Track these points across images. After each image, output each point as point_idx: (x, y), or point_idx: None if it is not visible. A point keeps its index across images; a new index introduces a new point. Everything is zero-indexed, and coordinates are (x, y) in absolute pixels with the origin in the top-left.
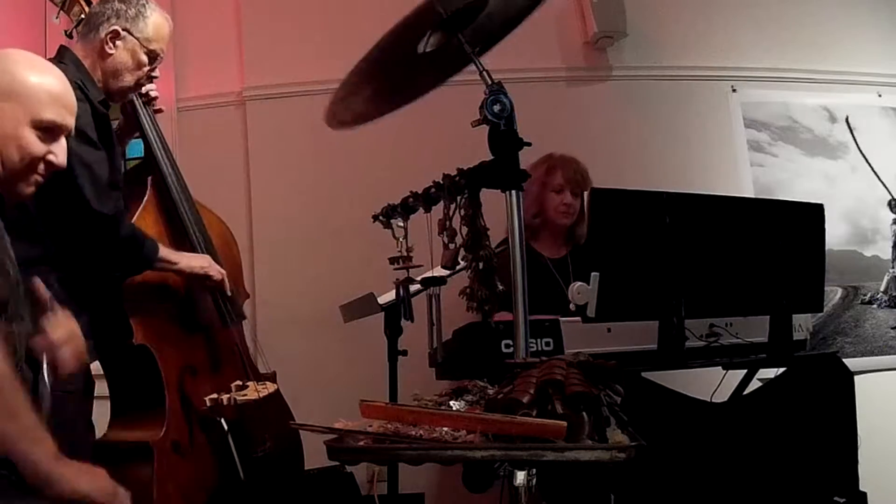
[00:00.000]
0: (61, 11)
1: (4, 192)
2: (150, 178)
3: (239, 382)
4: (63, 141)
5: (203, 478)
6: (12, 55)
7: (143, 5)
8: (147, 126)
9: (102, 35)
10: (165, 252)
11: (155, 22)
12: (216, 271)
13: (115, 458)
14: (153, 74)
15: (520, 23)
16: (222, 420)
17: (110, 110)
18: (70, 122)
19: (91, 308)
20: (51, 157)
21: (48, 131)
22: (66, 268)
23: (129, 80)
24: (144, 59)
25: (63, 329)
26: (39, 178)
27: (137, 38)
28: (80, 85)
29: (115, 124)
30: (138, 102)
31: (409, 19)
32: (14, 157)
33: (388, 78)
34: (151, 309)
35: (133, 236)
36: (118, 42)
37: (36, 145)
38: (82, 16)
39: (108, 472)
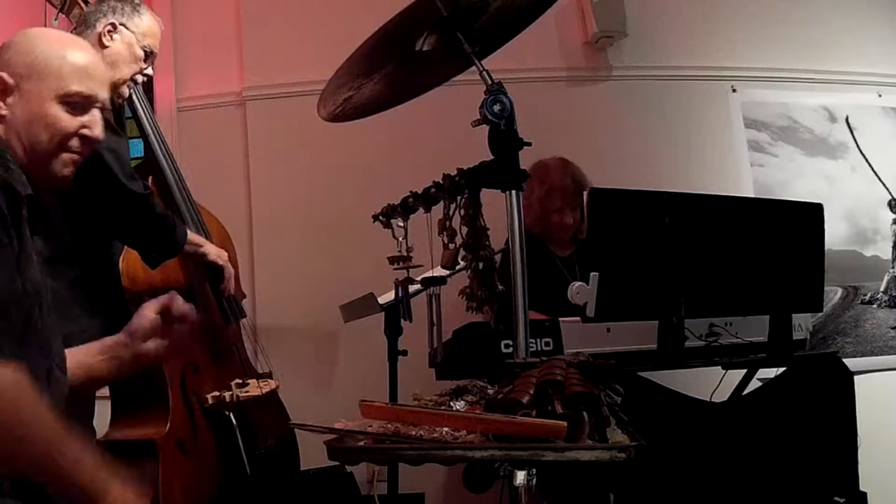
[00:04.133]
0: (60, 13)
1: (38, 178)
2: (150, 178)
3: (238, 380)
4: (96, 113)
5: (207, 475)
6: (32, 33)
7: (139, 4)
8: (148, 126)
9: (100, 29)
10: (192, 235)
11: (149, 20)
12: (228, 265)
13: (119, 455)
14: (147, 72)
15: (525, 26)
16: (230, 415)
17: None
18: (101, 94)
19: (102, 308)
20: (84, 131)
21: (77, 105)
22: (82, 267)
23: (125, 72)
24: (140, 53)
25: None
26: (76, 157)
27: (133, 32)
28: None
29: None
30: (139, 102)
31: (407, 14)
32: (42, 137)
33: (384, 73)
34: None
35: (166, 214)
36: (115, 35)
37: (64, 120)
38: (82, 18)
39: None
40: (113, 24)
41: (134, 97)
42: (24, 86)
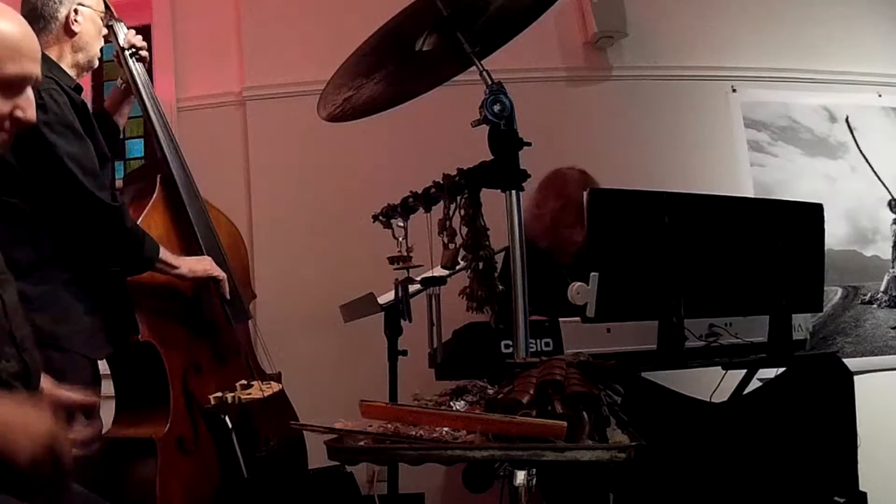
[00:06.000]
0: None
1: None
2: (158, 176)
3: (244, 382)
4: (29, 92)
5: (207, 475)
6: None
7: None
8: (157, 124)
9: (64, 16)
10: (166, 255)
11: None
12: (217, 274)
13: (120, 453)
14: (138, 44)
15: (526, 26)
16: (226, 418)
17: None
18: (35, 70)
19: (100, 306)
20: (18, 114)
21: (10, 87)
22: (74, 267)
23: (95, 48)
24: (101, 22)
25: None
26: (5, 136)
27: (91, 7)
28: (55, 79)
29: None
30: (147, 96)
31: (407, 14)
32: None
33: (384, 73)
34: (158, 307)
35: (136, 229)
36: (79, 17)
37: None
38: None
39: (113, 467)
40: (75, 9)
41: (143, 94)
42: None
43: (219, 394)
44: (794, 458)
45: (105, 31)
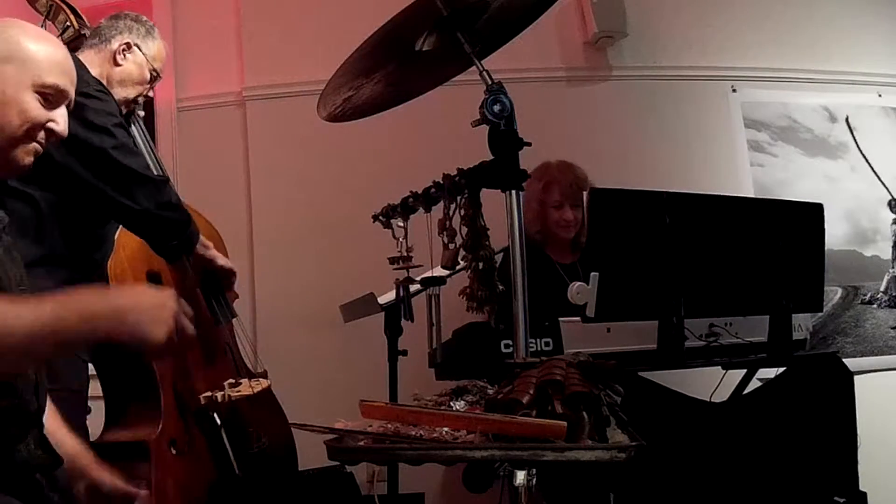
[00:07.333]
0: (46, 20)
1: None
2: None
3: (232, 380)
4: (64, 109)
5: (201, 475)
6: (14, 23)
7: (152, 27)
8: (133, 126)
9: (115, 46)
10: (202, 237)
11: (159, 44)
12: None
13: (113, 458)
14: (149, 94)
15: (526, 26)
16: (215, 415)
17: None
18: (71, 91)
19: None
20: (52, 125)
21: (50, 97)
22: (70, 266)
23: (131, 92)
24: (148, 75)
25: None
26: (39, 148)
27: (146, 55)
28: (103, 84)
29: None
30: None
31: (407, 14)
32: (14, 122)
33: (384, 73)
34: None
35: (181, 203)
36: (129, 55)
37: (37, 110)
38: (67, 24)
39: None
40: (128, 44)
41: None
42: (3, 68)
43: (208, 393)
44: (793, 458)
45: (149, 87)
